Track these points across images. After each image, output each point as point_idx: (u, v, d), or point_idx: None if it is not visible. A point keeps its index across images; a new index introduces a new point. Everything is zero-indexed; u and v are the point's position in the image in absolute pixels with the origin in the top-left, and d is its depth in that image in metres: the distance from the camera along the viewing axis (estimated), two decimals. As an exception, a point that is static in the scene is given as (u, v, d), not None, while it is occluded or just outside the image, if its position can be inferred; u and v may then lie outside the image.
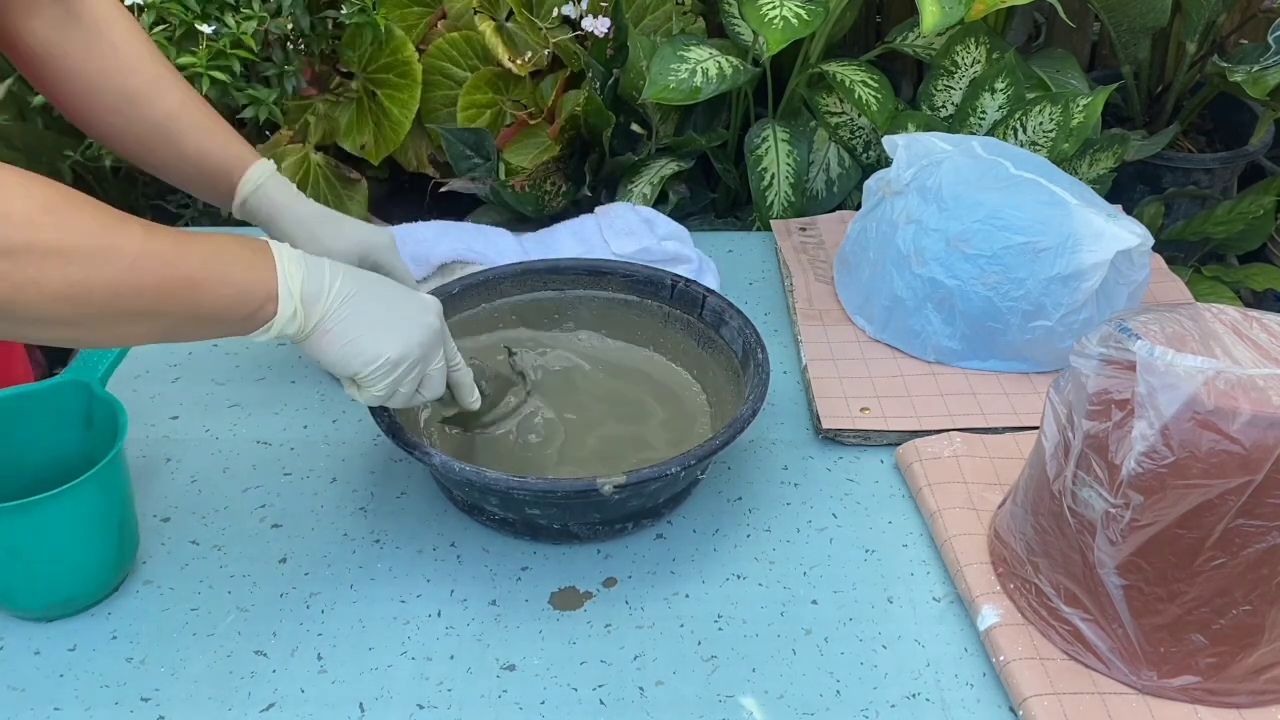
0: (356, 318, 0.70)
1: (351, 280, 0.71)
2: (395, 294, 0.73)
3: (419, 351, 0.72)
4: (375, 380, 0.71)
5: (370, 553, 0.79)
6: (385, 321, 0.71)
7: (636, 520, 0.80)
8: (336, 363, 0.70)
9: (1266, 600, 0.64)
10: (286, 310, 0.67)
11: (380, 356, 0.70)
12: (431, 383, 0.75)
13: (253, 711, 0.68)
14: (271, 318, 0.67)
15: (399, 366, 0.71)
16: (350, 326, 0.69)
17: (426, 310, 0.74)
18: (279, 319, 0.67)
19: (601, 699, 0.69)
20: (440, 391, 0.76)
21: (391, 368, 0.70)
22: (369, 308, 0.70)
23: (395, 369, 0.71)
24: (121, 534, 0.74)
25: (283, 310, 0.67)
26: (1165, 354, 0.61)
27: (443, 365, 0.75)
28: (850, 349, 1.00)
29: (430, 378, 0.74)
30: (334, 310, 0.69)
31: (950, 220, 0.94)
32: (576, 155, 1.50)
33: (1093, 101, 1.33)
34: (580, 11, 1.48)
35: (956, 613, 0.75)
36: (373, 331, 0.70)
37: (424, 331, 0.72)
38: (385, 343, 0.70)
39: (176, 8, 1.52)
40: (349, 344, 0.69)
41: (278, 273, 0.67)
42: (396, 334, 0.71)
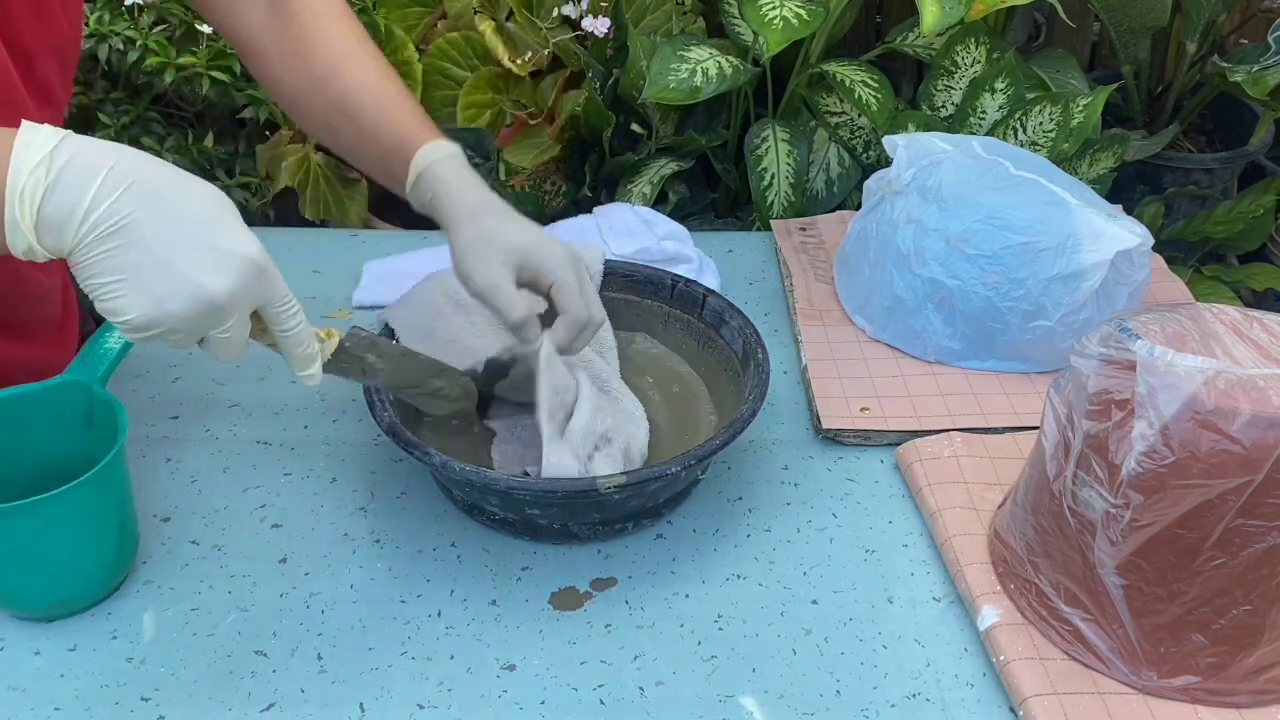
0: (108, 261, 0.55)
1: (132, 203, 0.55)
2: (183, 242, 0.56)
3: (174, 322, 0.57)
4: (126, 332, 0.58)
5: (370, 553, 0.79)
6: (141, 276, 0.55)
7: (636, 520, 0.80)
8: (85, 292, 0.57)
9: (1266, 600, 0.64)
10: (18, 244, 0.54)
11: (119, 315, 0.56)
12: (215, 346, 0.61)
13: (253, 711, 0.68)
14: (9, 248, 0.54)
15: (144, 331, 0.57)
16: (97, 269, 0.55)
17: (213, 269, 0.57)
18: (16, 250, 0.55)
19: (601, 699, 0.69)
20: (232, 356, 0.62)
21: (134, 330, 0.57)
22: (129, 253, 0.55)
23: (140, 332, 0.57)
24: (121, 534, 0.74)
25: (12, 241, 0.54)
26: (1165, 354, 0.61)
27: (231, 335, 0.61)
28: (850, 349, 1.00)
29: (212, 341, 0.61)
30: (83, 247, 0.54)
31: (950, 220, 0.94)
32: (576, 155, 1.50)
33: (1093, 101, 1.33)
34: (580, 11, 1.48)
35: (956, 613, 0.75)
36: (121, 284, 0.55)
37: (187, 300, 0.56)
38: (130, 302, 0.56)
39: (176, 8, 1.52)
40: (91, 286, 0.56)
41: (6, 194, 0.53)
42: (148, 295, 0.56)
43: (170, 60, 1.50)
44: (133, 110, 1.64)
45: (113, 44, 1.50)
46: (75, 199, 0.54)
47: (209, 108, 1.69)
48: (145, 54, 1.50)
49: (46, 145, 0.54)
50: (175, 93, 1.66)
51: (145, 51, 1.50)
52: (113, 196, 0.54)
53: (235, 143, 1.76)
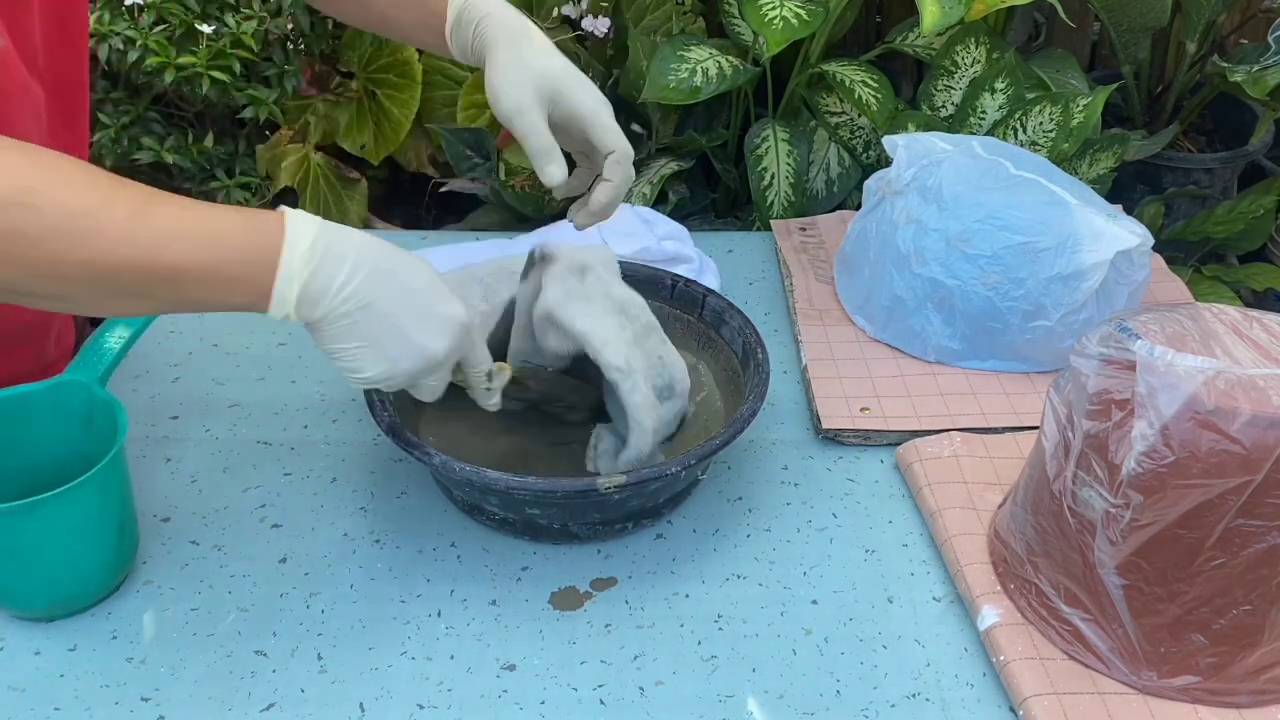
0: (352, 332, 0.65)
1: (370, 286, 0.65)
2: (412, 313, 0.67)
3: (404, 379, 0.68)
4: (355, 383, 0.68)
5: (370, 553, 0.79)
6: (382, 343, 0.66)
7: (636, 520, 0.80)
8: (325, 353, 0.67)
9: (1266, 600, 0.64)
10: (278, 314, 0.64)
11: (360, 373, 0.67)
12: (422, 391, 0.72)
13: (253, 711, 0.68)
14: (265, 312, 0.64)
15: (377, 383, 0.68)
16: (343, 338, 0.66)
17: (439, 333, 0.68)
18: (275, 314, 0.64)
19: (601, 699, 0.69)
20: (432, 398, 0.73)
21: (367, 382, 0.68)
22: (372, 324, 0.65)
23: (373, 383, 0.68)
24: (121, 534, 0.74)
25: (274, 313, 0.64)
26: (1165, 354, 0.61)
27: (438, 383, 0.72)
28: (850, 349, 1.00)
29: (421, 388, 0.71)
30: (333, 317, 0.65)
31: (950, 220, 0.94)
32: (576, 155, 1.50)
33: (1093, 101, 1.33)
34: (580, 11, 1.48)
35: (956, 613, 0.75)
36: (364, 350, 0.66)
37: (418, 361, 0.67)
38: (368, 365, 0.67)
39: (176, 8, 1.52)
40: (336, 350, 0.66)
41: (278, 272, 0.62)
42: (385, 361, 0.67)
43: (170, 60, 1.51)
44: (133, 110, 1.64)
45: (113, 44, 1.50)
46: (330, 280, 0.63)
47: (209, 108, 1.69)
48: (145, 54, 1.50)
49: (309, 236, 0.63)
50: (175, 93, 1.66)
51: (145, 51, 1.50)
52: (358, 278, 0.64)
53: (235, 143, 1.76)
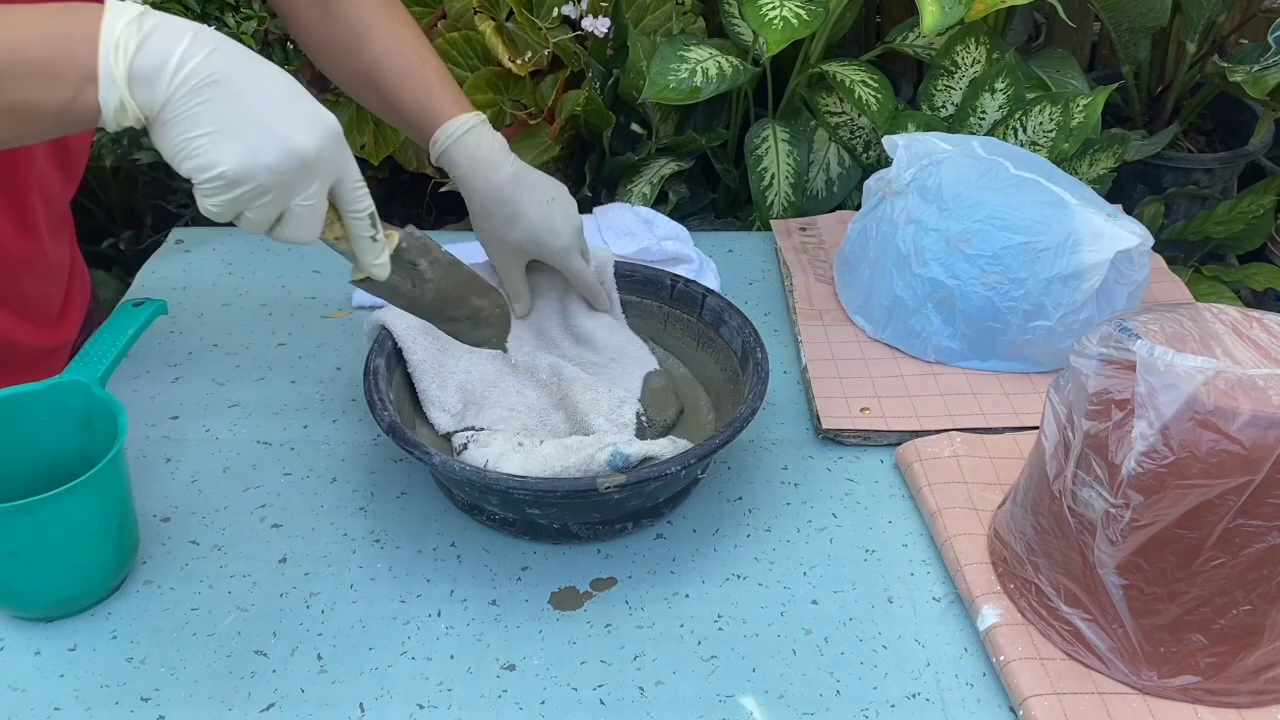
0: (202, 113, 0.56)
1: (219, 61, 0.57)
2: (270, 94, 0.58)
3: (268, 176, 0.57)
4: (209, 193, 0.58)
5: (370, 553, 0.79)
6: (236, 127, 0.57)
7: (636, 520, 0.80)
8: (170, 158, 0.58)
9: (1266, 600, 0.64)
10: (110, 98, 0.55)
11: (214, 167, 0.57)
12: (295, 220, 0.61)
13: (253, 711, 0.68)
14: (99, 108, 0.55)
15: (237, 187, 0.57)
16: (191, 122, 0.56)
17: (305, 127, 0.58)
18: (106, 108, 0.55)
19: (601, 699, 0.69)
20: (306, 236, 0.62)
21: (227, 186, 0.57)
22: (223, 105, 0.56)
23: (232, 189, 0.57)
24: (121, 534, 0.74)
25: (105, 97, 0.55)
26: (1165, 354, 0.61)
27: (310, 203, 0.61)
28: (850, 349, 1.00)
29: (293, 214, 0.60)
30: (180, 96, 0.56)
31: (950, 220, 0.94)
32: (576, 155, 1.50)
33: (1093, 101, 1.33)
34: (580, 11, 1.48)
35: (956, 613, 0.75)
36: (215, 135, 0.56)
37: (281, 153, 0.57)
38: (225, 152, 0.56)
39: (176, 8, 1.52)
40: (183, 142, 0.57)
41: (100, 46, 0.54)
42: (242, 146, 0.57)
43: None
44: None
45: (113, 44, 1.49)
46: (166, 52, 0.55)
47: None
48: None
49: (134, 10, 0.56)
50: (175, 93, 1.66)
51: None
52: (202, 53, 0.56)
53: (235, 142, 1.76)
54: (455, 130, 0.82)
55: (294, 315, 1.05)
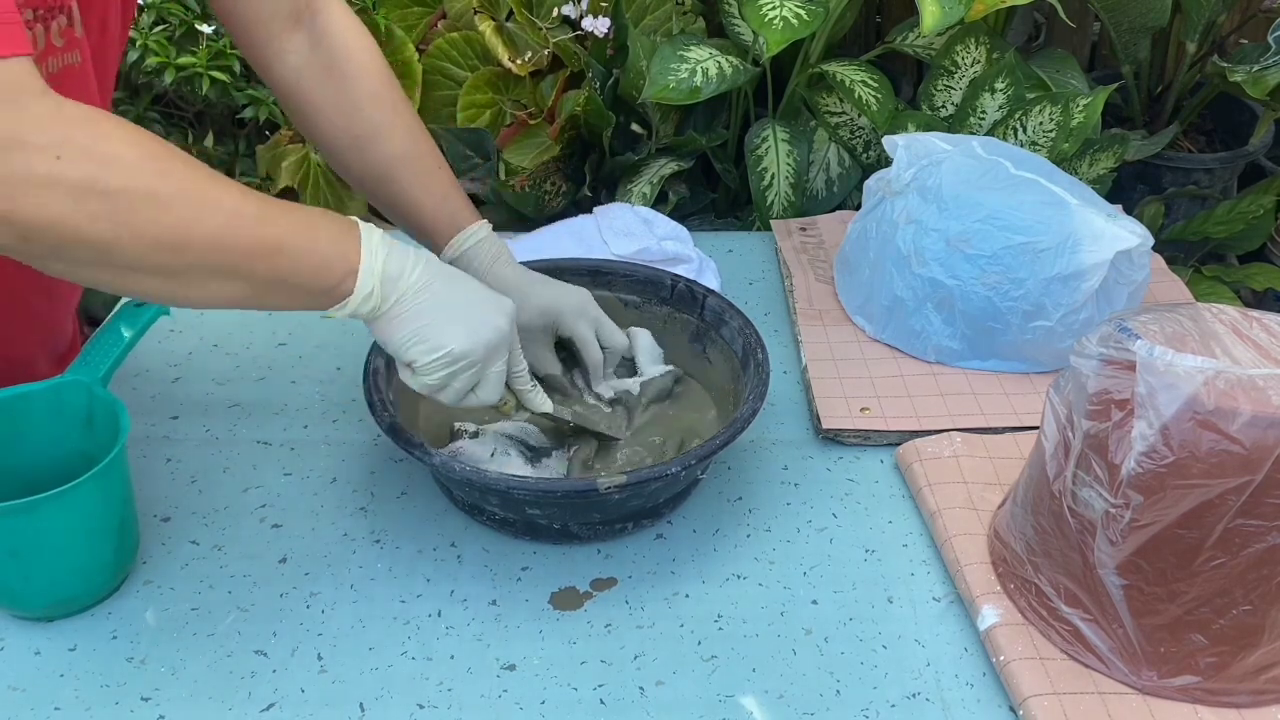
0: (429, 306, 0.70)
1: (432, 269, 0.71)
2: (473, 290, 0.74)
3: (482, 351, 0.72)
4: (432, 370, 0.71)
5: (370, 553, 0.79)
6: (456, 315, 0.71)
7: (636, 520, 0.80)
8: (399, 346, 0.71)
9: (1266, 600, 0.64)
10: (365, 287, 0.68)
11: (443, 348, 0.71)
12: (488, 385, 0.75)
13: (253, 711, 0.68)
14: (350, 293, 0.68)
15: (459, 361, 0.71)
16: (421, 314, 0.70)
17: (500, 312, 0.74)
18: (357, 295, 0.68)
19: (601, 699, 0.69)
20: (495, 397, 0.76)
21: (451, 361, 0.71)
22: (444, 299, 0.71)
23: (455, 363, 0.71)
24: (121, 534, 0.74)
25: (361, 287, 0.68)
26: (1165, 354, 0.61)
27: (502, 370, 0.75)
28: (850, 349, 1.00)
29: (488, 379, 0.75)
30: (410, 295, 0.70)
31: (950, 220, 0.94)
32: (576, 155, 1.50)
33: (1093, 101, 1.33)
34: (580, 11, 1.48)
35: (956, 613, 0.75)
36: (441, 322, 0.71)
37: (492, 332, 0.73)
38: (451, 335, 0.71)
39: (176, 8, 1.52)
40: (416, 331, 0.70)
41: (361, 249, 0.68)
42: (464, 329, 0.71)
43: (170, 60, 1.51)
44: (133, 110, 1.64)
45: (113, 44, 1.49)
46: (402, 261, 0.70)
47: (209, 108, 1.69)
48: (145, 54, 1.50)
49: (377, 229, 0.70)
50: (175, 93, 1.66)
51: (145, 51, 1.50)
52: (422, 263, 0.71)
53: (235, 143, 1.76)
54: (474, 235, 0.87)
55: (294, 315, 1.05)
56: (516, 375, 0.79)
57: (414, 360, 0.71)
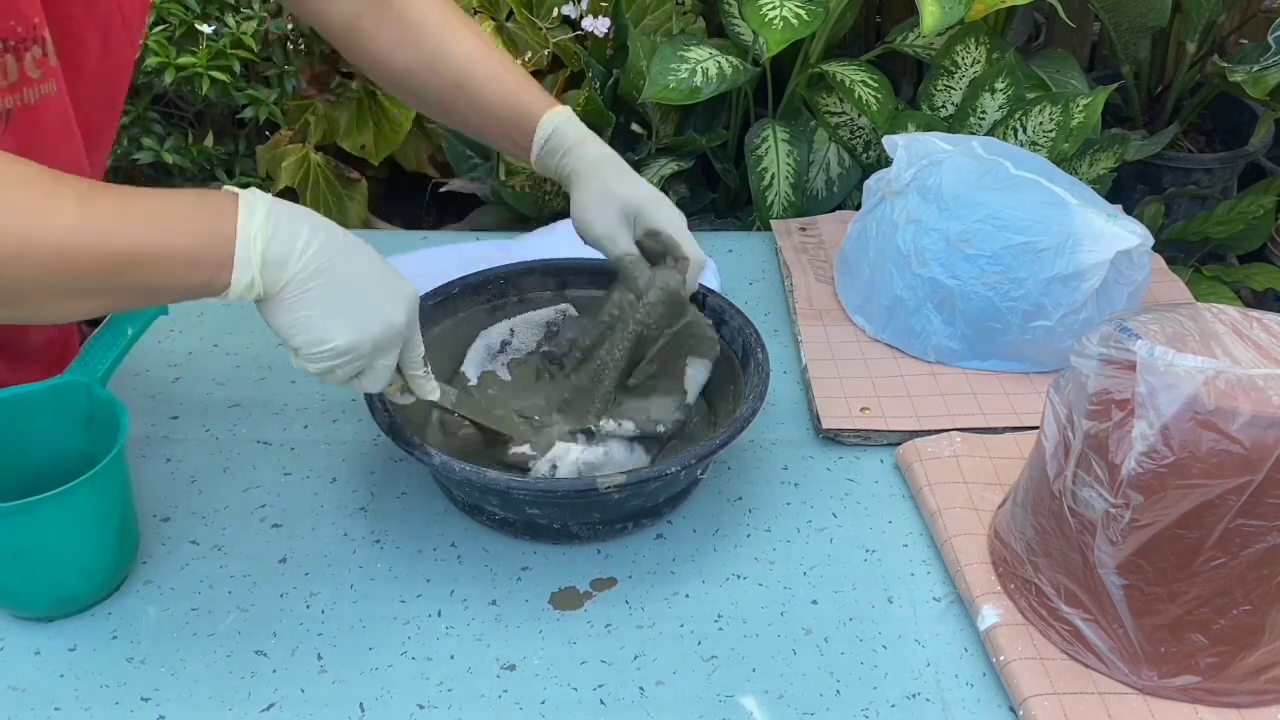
0: (318, 296, 0.65)
1: (329, 250, 0.65)
2: (372, 276, 0.68)
3: (369, 347, 0.67)
4: (314, 359, 0.67)
5: (370, 553, 0.79)
6: (347, 307, 0.66)
7: (636, 520, 0.80)
8: (282, 331, 0.66)
9: (1267, 600, 0.64)
10: (243, 278, 0.63)
11: (328, 342, 0.66)
12: (372, 376, 0.70)
13: (253, 711, 0.68)
14: (228, 285, 0.63)
15: (343, 355, 0.67)
16: (308, 302, 0.65)
17: (397, 303, 0.68)
18: (235, 286, 0.63)
19: (601, 699, 0.69)
20: (378, 387, 0.71)
21: (335, 355, 0.66)
22: (336, 288, 0.65)
23: (339, 357, 0.67)
24: (121, 534, 0.74)
25: (238, 279, 0.63)
26: (1165, 354, 0.61)
27: (391, 363, 0.70)
28: (850, 349, 1.00)
29: (374, 370, 0.70)
30: (298, 281, 0.64)
31: (950, 220, 0.94)
32: (576, 155, 1.50)
33: (1093, 101, 1.33)
34: (580, 11, 1.48)
35: (956, 613, 0.75)
36: (329, 315, 0.65)
37: (383, 327, 0.67)
38: (338, 329, 0.66)
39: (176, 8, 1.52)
40: (300, 320, 0.65)
41: (237, 236, 0.62)
42: (353, 323, 0.66)
43: (170, 60, 1.50)
44: (133, 110, 1.64)
45: (113, 44, 1.49)
46: (291, 242, 0.64)
47: (209, 108, 1.69)
48: (145, 54, 1.50)
49: (265, 204, 0.64)
50: (175, 93, 1.66)
51: (145, 51, 1.50)
52: (317, 242, 0.65)
53: (235, 143, 1.76)
54: (562, 114, 0.86)
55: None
56: (410, 359, 0.73)
57: (298, 348, 0.66)
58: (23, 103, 0.73)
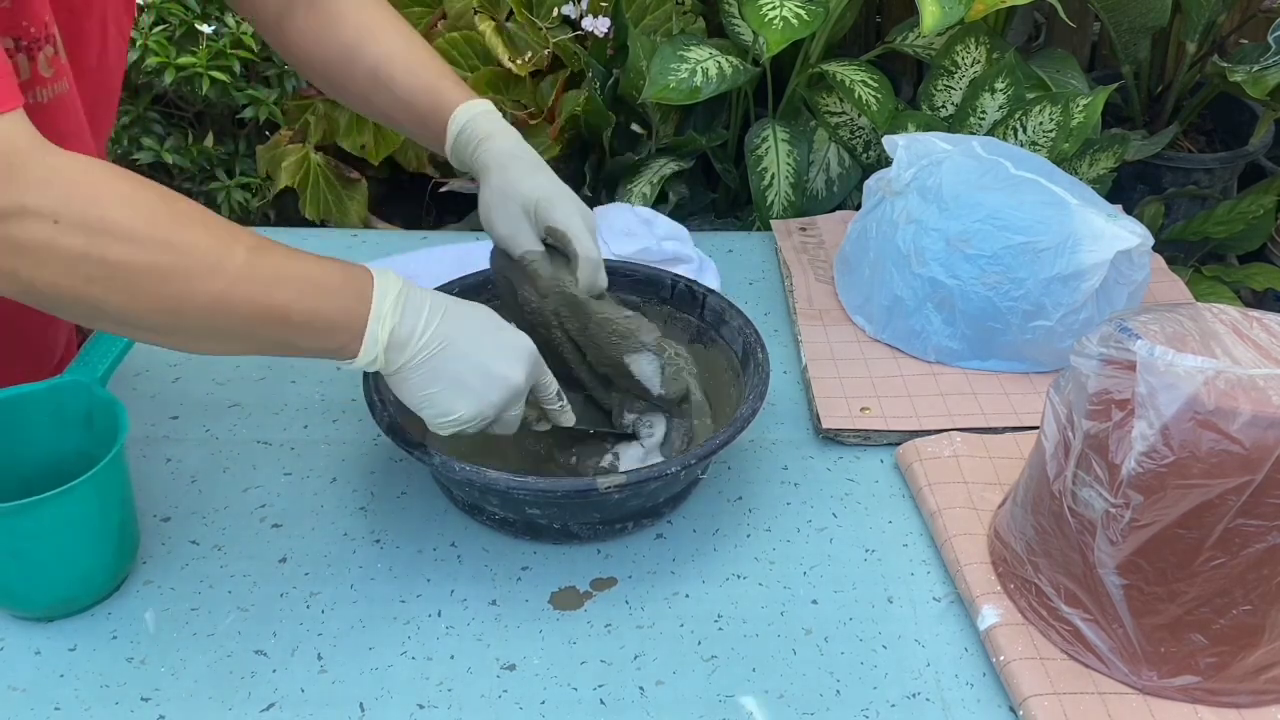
0: (437, 374, 0.70)
1: (446, 328, 0.70)
2: (486, 344, 0.72)
3: (493, 411, 0.72)
4: (443, 428, 0.71)
5: (370, 553, 0.79)
6: (466, 382, 0.70)
7: (636, 520, 0.80)
8: (410, 403, 0.71)
9: (1266, 600, 0.64)
10: (369, 354, 0.68)
11: (451, 414, 0.70)
12: (504, 424, 0.74)
13: (253, 711, 0.68)
14: (355, 355, 0.68)
15: (468, 423, 0.71)
16: (429, 381, 0.70)
17: (514, 364, 0.72)
18: (361, 359, 0.68)
19: (601, 699, 0.69)
20: (511, 431, 0.75)
21: (460, 423, 0.71)
22: (453, 365, 0.70)
23: (464, 424, 0.71)
24: (121, 534, 0.74)
25: (364, 354, 0.68)
26: (1165, 354, 0.61)
27: (518, 413, 0.74)
28: (850, 349, 1.00)
29: (503, 421, 0.74)
30: (415, 362, 0.69)
31: (950, 220, 0.94)
32: (576, 155, 1.50)
33: (1093, 101, 1.33)
34: (580, 11, 1.48)
35: (956, 613, 0.75)
36: (450, 390, 0.70)
37: (503, 393, 0.71)
38: (460, 403, 0.70)
39: (176, 8, 1.52)
40: (424, 396, 0.70)
41: (370, 316, 0.67)
42: (474, 396, 0.70)
43: (170, 60, 1.51)
44: (133, 110, 1.64)
45: (113, 44, 1.49)
46: (414, 323, 0.69)
47: (209, 108, 1.69)
48: (145, 54, 1.50)
49: (396, 287, 0.68)
50: (175, 93, 1.66)
51: (145, 51, 1.50)
52: (436, 321, 0.69)
53: (235, 143, 1.76)
54: (479, 106, 0.85)
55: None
56: (544, 397, 0.77)
57: (426, 418, 0.72)
58: (36, 101, 0.73)
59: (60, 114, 0.76)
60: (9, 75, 0.59)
